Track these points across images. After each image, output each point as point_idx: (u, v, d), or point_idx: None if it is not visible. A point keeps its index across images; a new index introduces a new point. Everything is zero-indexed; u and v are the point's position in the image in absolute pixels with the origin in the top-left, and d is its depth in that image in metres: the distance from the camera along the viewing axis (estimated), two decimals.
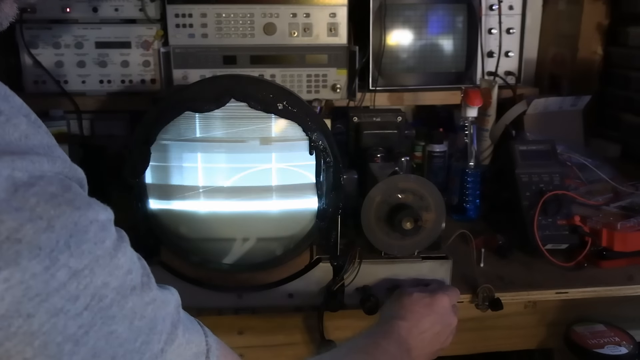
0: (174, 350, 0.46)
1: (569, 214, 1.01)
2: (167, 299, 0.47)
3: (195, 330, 0.50)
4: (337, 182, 0.83)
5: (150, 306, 0.43)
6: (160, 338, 0.44)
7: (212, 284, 0.86)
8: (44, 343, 0.35)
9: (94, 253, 0.38)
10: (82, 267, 0.37)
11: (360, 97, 1.32)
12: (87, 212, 0.39)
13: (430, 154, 1.30)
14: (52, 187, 0.38)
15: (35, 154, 0.38)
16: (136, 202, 0.82)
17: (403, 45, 1.36)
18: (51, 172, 0.39)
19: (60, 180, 0.39)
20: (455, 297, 0.82)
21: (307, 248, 0.87)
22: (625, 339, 0.93)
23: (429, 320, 0.76)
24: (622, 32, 1.41)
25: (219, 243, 0.86)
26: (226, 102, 0.78)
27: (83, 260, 0.38)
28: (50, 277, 0.36)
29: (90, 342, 0.38)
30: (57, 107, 1.26)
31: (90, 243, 0.38)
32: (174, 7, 1.23)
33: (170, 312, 0.46)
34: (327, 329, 0.88)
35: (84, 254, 0.38)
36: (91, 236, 0.39)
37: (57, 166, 0.39)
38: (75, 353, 0.37)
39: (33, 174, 0.37)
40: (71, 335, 0.37)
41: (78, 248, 0.37)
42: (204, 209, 0.84)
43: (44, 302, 0.35)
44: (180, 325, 0.47)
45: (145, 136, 0.79)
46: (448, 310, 0.79)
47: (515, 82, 1.43)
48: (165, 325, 0.45)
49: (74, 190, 0.39)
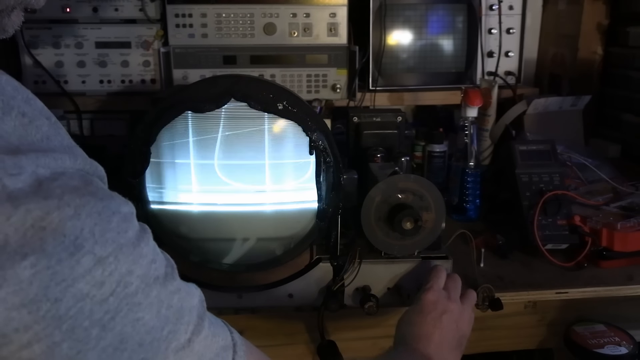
0: (200, 342, 0.46)
1: (569, 214, 1.01)
2: (192, 292, 0.47)
3: (220, 325, 0.51)
4: (337, 182, 0.83)
5: (175, 296, 0.44)
6: (187, 328, 0.45)
7: (212, 284, 0.86)
8: (71, 327, 0.36)
9: (118, 241, 0.39)
10: (107, 254, 0.38)
11: (360, 97, 1.32)
12: (110, 203, 0.40)
13: (430, 154, 1.30)
14: (75, 181, 0.39)
15: (58, 152, 0.39)
16: (136, 202, 0.82)
17: (403, 45, 1.36)
18: (72, 169, 0.40)
19: (82, 175, 0.40)
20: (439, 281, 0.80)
21: (307, 248, 0.87)
22: (625, 339, 0.93)
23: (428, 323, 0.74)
24: (622, 32, 1.41)
25: (219, 243, 0.86)
26: (226, 102, 0.78)
27: (107, 248, 0.38)
28: (76, 262, 0.36)
29: (117, 327, 0.39)
30: (57, 107, 1.26)
31: (114, 232, 0.39)
32: (174, 7, 1.23)
33: (196, 305, 0.47)
34: (327, 329, 0.88)
35: (108, 242, 0.38)
36: (114, 226, 0.39)
37: (78, 163, 0.41)
38: (103, 338, 0.38)
39: (55, 170, 0.38)
40: (98, 320, 0.37)
41: (102, 236, 0.38)
42: (204, 209, 0.84)
43: (70, 287, 0.36)
44: (206, 318, 0.48)
45: (145, 136, 0.79)
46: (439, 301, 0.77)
47: (515, 82, 1.43)
48: (192, 316, 0.46)
49: (95, 184, 0.40)
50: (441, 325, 0.75)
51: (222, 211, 0.84)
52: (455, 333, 0.76)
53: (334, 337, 0.88)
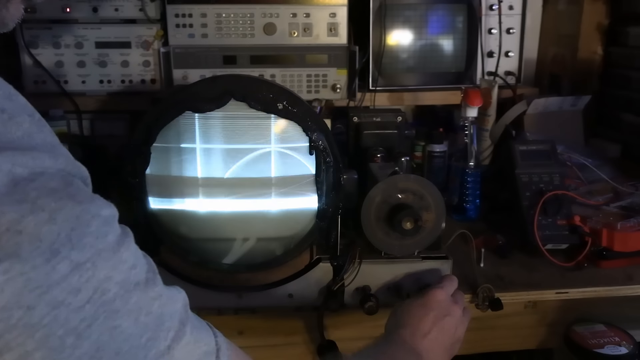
0: (182, 348, 0.45)
1: (569, 214, 1.01)
2: (174, 297, 0.46)
3: (204, 330, 0.49)
4: (337, 182, 0.83)
5: (156, 302, 0.43)
6: (167, 335, 0.44)
7: (212, 284, 0.86)
8: (45, 335, 0.35)
9: (96, 247, 0.38)
10: (84, 260, 0.37)
11: (360, 97, 1.32)
12: (90, 206, 0.39)
13: (430, 154, 1.30)
14: (53, 183, 0.38)
15: (37, 151, 0.38)
16: (136, 202, 0.82)
17: (403, 45, 1.36)
18: (53, 169, 0.39)
19: (62, 176, 0.39)
20: (451, 286, 0.80)
21: (307, 248, 0.87)
22: (625, 339, 0.93)
23: (429, 319, 0.74)
24: (622, 32, 1.41)
25: (219, 243, 0.86)
26: (226, 102, 0.78)
27: (85, 253, 0.37)
28: (51, 269, 0.35)
29: (94, 335, 0.38)
30: (57, 107, 1.26)
31: (92, 237, 0.38)
32: (174, 7, 1.23)
33: (178, 310, 0.46)
34: (327, 329, 0.88)
35: (86, 247, 0.37)
36: (93, 230, 0.38)
37: (59, 163, 0.39)
38: (78, 347, 0.37)
39: (34, 170, 0.37)
40: (73, 329, 0.36)
41: (80, 241, 0.37)
42: (204, 208, 0.84)
43: (45, 294, 0.35)
44: (188, 323, 0.46)
45: (145, 136, 0.79)
46: (446, 302, 0.77)
47: (515, 82, 1.43)
48: (172, 322, 0.44)
49: (75, 185, 0.39)
50: (441, 325, 0.74)
51: (222, 211, 0.84)
52: (451, 338, 0.76)
53: (334, 337, 0.88)
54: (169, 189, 0.83)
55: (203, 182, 0.82)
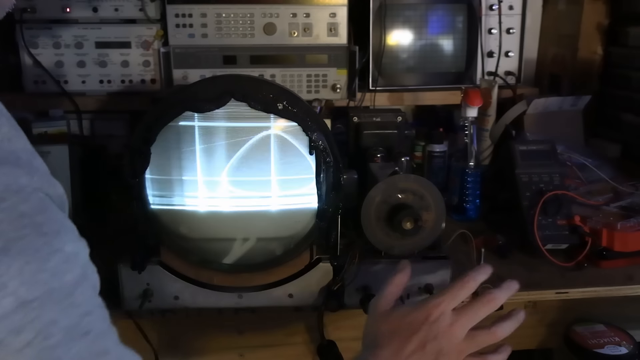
0: None
1: (569, 214, 1.01)
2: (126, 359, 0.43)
3: None
4: (337, 182, 0.83)
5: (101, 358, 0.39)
6: None
7: (212, 284, 0.86)
8: None
9: (50, 285, 0.36)
10: (32, 298, 0.34)
11: (360, 97, 1.32)
12: (53, 239, 0.37)
13: (430, 154, 1.30)
14: (25, 206, 0.35)
15: (14, 164, 0.36)
16: (136, 202, 0.82)
17: (403, 45, 1.36)
18: (29, 188, 0.36)
19: (39, 199, 0.37)
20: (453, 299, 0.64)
21: (307, 248, 0.87)
22: (625, 339, 0.93)
23: (413, 343, 0.61)
24: (622, 32, 1.41)
25: (219, 243, 0.86)
26: (226, 102, 0.78)
27: (34, 291, 0.35)
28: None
29: None
30: (57, 107, 1.26)
31: (48, 273, 0.36)
32: (174, 7, 1.23)
33: None
34: (327, 329, 0.88)
35: (38, 284, 0.35)
36: (50, 266, 0.36)
37: (35, 180, 0.37)
38: None
39: (9, 187, 0.35)
40: None
41: (32, 277, 0.35)
42: (204, 208, 0.84)
43: None
44: None
45: (145, 136, 0.79)
46: (437, 323, 0.62)
47: (515, 82, 1.43)
48: None
49: (48, 213, 0.37)
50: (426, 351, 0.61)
51: (222, 211, 0.84)
52: None
53: (334, 337, 0.89)
54: (169, 189, 0.83)
55: (203, 182, 0.82)
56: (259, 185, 0.83)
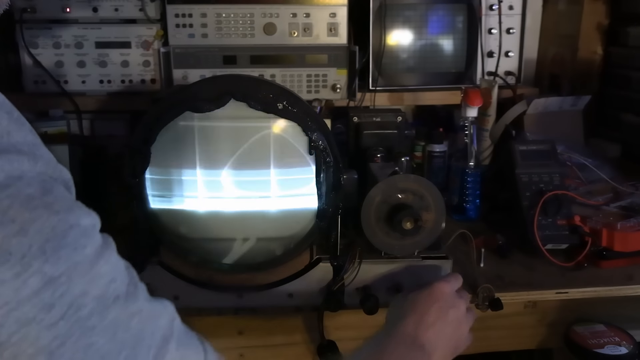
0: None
1: (569, 214, 1.01)
2: (158, 312, 0.44)
3: (192, 346, 0.47)
4: (337, 182, 0.83)
5: (135, 318, 0.41)
6: (147, 353, 0.41)
7: (212, 284, 0.86)
8: (13, 355, 0.33)
9: (73, 259, 0.36)
10: (59, 274, 0.35)
11: (360, 97, 1.32)
12: (67, 216, 0.37)
13: (430, 154, 1.30)
14: (30, 189, 0.36)
15: (16, 153, 0.36)
16: (136, 202, 0.82)
17: (403, 45, 1.36)
18: (32, 173, 0.37)
19: (42, 181, 0.37)
20: (456, 283, 0.78)
21: (307, 248, 0.87)
22: (625, 339, 0.93)
23: (434, 310, 0.71)
24: (622, 32, 1.41)
25: (219, 243, 0.86)
26: (226, 102, 0.78)
27: (59, 266, 0.35)
28: (22, 284, 0.33)
29: (67, 354, 0.35)
30: (57, 107, 1.26)
31: (69, 249, 0.36)
32: (174, 7, 1.23)
33: (162, 326, 0.43)
34: (327, 329, 0.88)
35: (61, 259, 0.35)
36: (70, 241, 0.36)
37: (38, 166, 0.37)
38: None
39: (11, 174, 0.35)
40: (44, 347, 0.34)
41: (55, 254, 0.35)
42: (204, 208, 0.84)
43: (14, 310, 0.33)
44: (173, 340, 0.44)
45: (145, 136, 0.79)
46: (451, 295, 0.74)
47: (515, 82, 1.43)
48: (154, 339, 0.42)
49: (55, 192, 0.37)
50: (445, 318, 0.71)
51: (222, 211, 0.84)
52: (455, 332, 0.73)
53: (334, 337, 0.88)
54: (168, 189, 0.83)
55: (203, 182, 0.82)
56: (259, 185, 0.83)
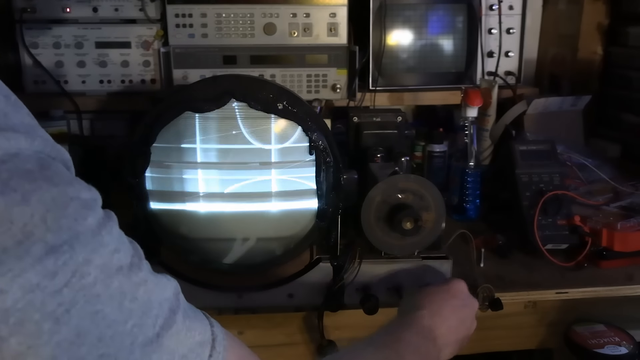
0: (172, 337, 0.43)
1: (569, 214, 1.01)
2: (163, 284, 0.44)
3: (198, 319, 0.47)
4: (337, 182, 0.83)
5: (141, 288, 0.41)
6: (155, 322, 0.41)
7: (212, 284, 0.86)
8: (19, 320, 0.34)
9: (74, 229, 0.37)
10: (61, 242, 0.36)
11: (360, 97, 1.32)
12: (67, 188, 0.38)
13: (430, 154, 1.30)
14: (28, 164, 0.36)
15: (12, 131, 0.37)
16: (136, 202, 0.82)
17: (403, 45, 1.36)
18: (29, 151, 0.37)
19: (39, 159, 0.37)
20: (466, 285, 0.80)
21: (307, 248, 0.87)
22: (625, 339, 0.93)
23: (451, 306, 0.73)
24: (622, 32, 1.41)
25: (219, 243, 0.86)
26: (226, 102, 0.78)
27: (61, 235, 0.36)
28: (24, 252, 0.34)
29: (73, 321, 0.36)
30: (57, 107, 1.26)
31: (70, 219, 0.37)
32: (174, 7, 1.23)
33: (168, 298, 0.44)
34: (327, 329, 0.88)
35: (62, 229, 0.36)
36: (70, 212, 0.37)
37: (36, 144, 0.38)
38: (56, 332, 0.35)
39: (8, 151, 0.36)
40: (50, 313, 0.35)
41: (56, 223, 0.36)
42: (204, 208, 0.84)
43: (18, 277, 0.34)
44: (179, 312, 0.44)
45: (145, 136, 0.79)
46: (467, 293, 0.77)
47: (515, 82, 1.43)
48: (161, 309, 0.42)
49: (53, 168, 0.38)
50: (460, 315, 0.73)
51: (222, 211, 0.84)
52: (466, 330, 0.75)
53: (334, 337, 0.88)
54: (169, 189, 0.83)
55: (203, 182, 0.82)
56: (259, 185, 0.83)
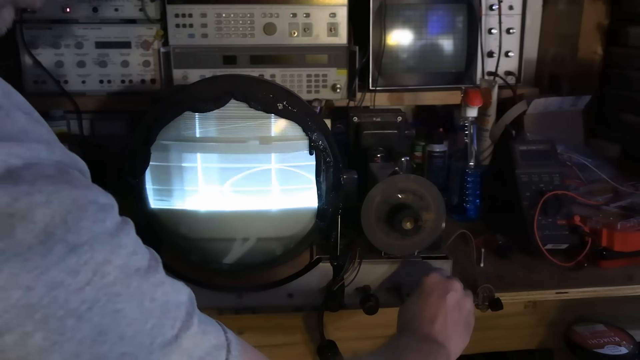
0: (190, 339, 0.44)
1: (569, 214, 1.01)
2: (179, 288, 0.46)
3: (212, 325, 0.48)
4: (337, 182, 0.83)
5: (159, 289, 0.43)
6: (174, 324, 0.43)
7: (212, 284, 0.86)
8: (44, 316, 0.35)
9: (93, 230, 0.38)
10: (81, 242, 0.37)
11: (360, 97, 1.32)
12: (86, 192, 0.39)
13: (430, 154, 1.30)
14: (49, 171, 0.38)
15: (34, 142, 0.38)
16: (136, 202, 0.82)
17: (403, 45, 1.36)
18: (49, 160, 0.38)
19: (58, 167, 0.39)
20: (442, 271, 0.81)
21: (307, 248, 0.87)
22: (625, 339, 0.93)
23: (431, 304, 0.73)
24: (622, 32, 1.41)
25: (219, 243, 0.86)
26: (226, 102, 0.78)
27: (81, 236, 0.37)
28: (47, 250, 0.35)
29: (95, 318, 0.37)
30: (57, 107, 1.26)
31: (89, 221, 0.38)
32: (174, 7, 1.23)
33: (184, 301, 0.45)
34: (327, 329, 0.88)
35: (82, 230, 0.37)
36: (89, 214, 0.38)
37: (55, 154, 0.39)
38: (79, 329, 0.36)
39: (29, 160, 0.37)
40: (73, 310, 0.36)
41: (76, 224, 0.37)
42: (204, 208, 0.84)
43: (43, 274, 0.35)
44: (195, 316, 0.46)
45: (145, 136, 0.79)
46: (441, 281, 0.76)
47: (515, 82, 1.43)
48: (179, 312, 0.44)
49: (72, 174, 0.39)
50: (445, 305, 0.73)
51: (222, 211, 0.84)
52: (460, 311, 0.75)
53: (334, 337, 0.88)
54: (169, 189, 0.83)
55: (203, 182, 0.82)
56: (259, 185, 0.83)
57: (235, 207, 0.84)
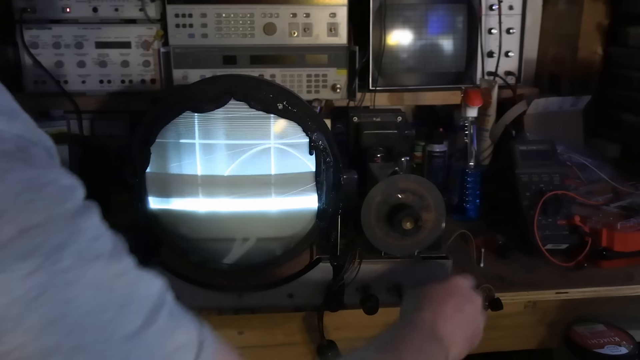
0: (153, 335, 0.40)
1: (569, 214, 1.01)
2: (147, 280, 0.42)
3: (184, 321, 0.44)
4: (337, 182, 0.83)
5: (120, 279, 0.39)
6: (134, 318, 0.39)
7: (212, 284, 0.86)
8: None
9: (50, 212, 0.35)
10: (34, 224, 0.34)
11: (360, 97, 1.32)
12: (45, 172, 0.36)
13: (430, 154, 1.30)
14: (6, 146, 0.35)
15: None
16: (136, 202, 0.82)
17: (403, 45, 1.36)
18: (8, 134, 0.36)
19: (18, 142, 0.36)
20: (471, 281, 0.77)
21: (307, 248, 0.87)
22: (625, 339, 0.93)
23: (452, 303, 0.70)
24: (622, 32, 1.41)
25: (219, 243, 0.86)
26: (226, 102, 0.78)
27: (35, 217, 0.34)
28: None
29: (45, 306, 0.34)
30: (57, 107, 1.26)
31: (46, 201, 0.35)
32: (174, 7, 1.23)
33: (152, 294, 0.42)
34: (327, 329, 0.88)
35: (37, 211, 0.35)
36: (47, 195, 0.36)
37: (16, 128, 0.37)
38: (25, 317, 0.34)
39: None
40: (19, 297, 0.33)
41: (30, 204, 0.34)
42: (204, 208, 0.84)
43: None
44: (163, 311, 0.42)
45: (145, 136, 0.79)
46: (468, 289, 0.74)
47: (515, 82, 1.43)
48: (142, 305, 0.40)
49: (32, 152, 0.37)
50: (463, 312, 0.71)
51: (222, 211, 0.84)
52: (472, 326, 0.72)
53: (334, 337, 0.88)
54: (169, 189, 0.83)
55: (203, 182, 0.82)
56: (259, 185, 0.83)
57: (235, 208, 0.84)
